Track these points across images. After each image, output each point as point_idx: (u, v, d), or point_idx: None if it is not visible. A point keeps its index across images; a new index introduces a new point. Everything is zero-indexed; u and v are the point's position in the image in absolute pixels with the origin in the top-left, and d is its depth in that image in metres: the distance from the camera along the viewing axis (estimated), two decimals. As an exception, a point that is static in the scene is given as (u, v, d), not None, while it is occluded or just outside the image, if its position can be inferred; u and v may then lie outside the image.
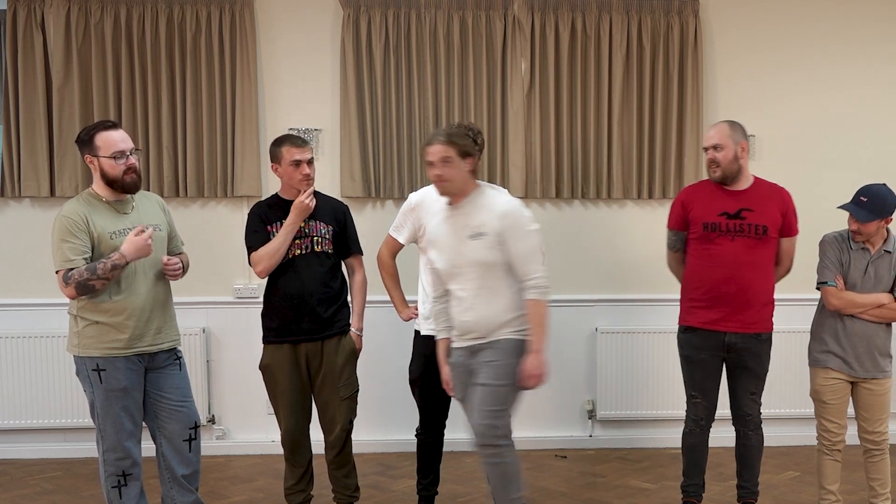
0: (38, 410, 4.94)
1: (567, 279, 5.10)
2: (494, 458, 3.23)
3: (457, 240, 3.32)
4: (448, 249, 3.35)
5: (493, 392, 3.24)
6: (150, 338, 3.43)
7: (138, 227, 3.36)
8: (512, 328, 3.29)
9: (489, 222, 3.26)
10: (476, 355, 3.34)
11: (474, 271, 3.28)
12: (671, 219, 3.91)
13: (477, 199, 3.35)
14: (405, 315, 3.88)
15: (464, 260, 3.30)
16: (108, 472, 3.45)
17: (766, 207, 3.72)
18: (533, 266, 3.26)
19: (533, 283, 3.26)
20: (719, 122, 3.83)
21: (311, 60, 5.01)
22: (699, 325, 3.77)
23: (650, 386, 5.02)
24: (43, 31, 4.83)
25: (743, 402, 3.80)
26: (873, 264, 3.71)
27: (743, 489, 3.92)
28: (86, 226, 3.34)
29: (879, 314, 3.69)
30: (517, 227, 3.26)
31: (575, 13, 5.00)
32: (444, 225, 3.40)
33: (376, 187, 4.99)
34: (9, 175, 4.87)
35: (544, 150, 5.05)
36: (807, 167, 5.17)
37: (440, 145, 3.29)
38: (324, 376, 3.74)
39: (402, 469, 4.70)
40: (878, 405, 3.75)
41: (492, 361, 3.27)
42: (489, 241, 3.25)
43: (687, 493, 3.93)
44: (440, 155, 3.28)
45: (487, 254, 3.25)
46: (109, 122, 3.45)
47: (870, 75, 5.18)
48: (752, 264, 3.70)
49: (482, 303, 3.29)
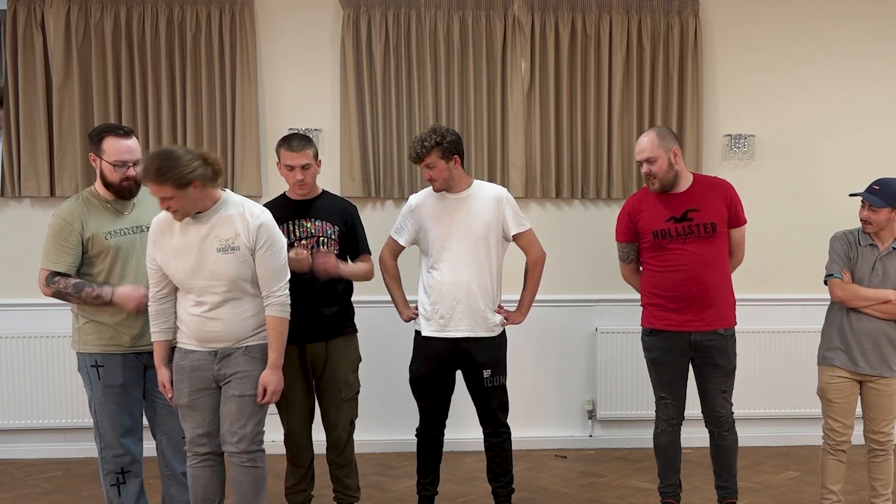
0: (38, 410, 4.93)
1: (567, 279, 5.10)
2: (250, 464, 3.27)
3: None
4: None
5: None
6: (148, 337, 3.43)
7: (141, 291, 3.34)
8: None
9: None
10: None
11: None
12: (619, 231, 3.91)
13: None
14: (405, 315, 3.88)
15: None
16: (107, 469, 3.47)
17: (710, 204, 3.72)
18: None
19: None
20: (647, 133, 3.80)
21: (311, 60, 5.01)
22: (664, 327, 3.77)
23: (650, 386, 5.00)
24: (43, 31, 4.83)
25: (715, 402, 3.78)
26: (881, 261, 3.71)
27: (723, 489, 3.88)
28: (79, 230, 3.38)
29: (885, 310, 3.69)
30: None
31: (575, 13, 5.00)
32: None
33: (376, 187, 4.99)
34: (9, 175, 4.87)
35: (544, 150, 5.05)
36: (807, 167, 5.17)
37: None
38: (327, 377, 3.74)
39: (402, 469, 4.70)
40: (885, 405, 3.74)
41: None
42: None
43: (665, 495, 3.91)
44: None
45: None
46: (123, 130, 3.44)
47: (870, 75, 5.18)
48: (708, 263, 3.70)
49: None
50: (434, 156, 3.64)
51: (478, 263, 3.71)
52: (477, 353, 3.73)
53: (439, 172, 3.67)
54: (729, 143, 5.13)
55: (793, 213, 5.10)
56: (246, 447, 3.24)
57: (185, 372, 3.28)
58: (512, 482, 3.92)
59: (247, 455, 3.26)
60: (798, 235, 5.07)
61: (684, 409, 3.86)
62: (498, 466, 3.88)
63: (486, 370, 3.74)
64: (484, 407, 3.82)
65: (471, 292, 3.69)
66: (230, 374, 3.25)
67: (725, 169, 5.01)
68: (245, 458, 3.26)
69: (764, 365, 5.10)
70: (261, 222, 3.21)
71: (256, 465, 3.29)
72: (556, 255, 4.88)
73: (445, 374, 3.81)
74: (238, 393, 3.24)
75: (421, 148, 3.63)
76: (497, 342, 3.79)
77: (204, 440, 3.30)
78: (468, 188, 3.77)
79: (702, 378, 3.81)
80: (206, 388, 3.27)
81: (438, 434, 3.88)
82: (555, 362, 5.13)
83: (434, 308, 3.73)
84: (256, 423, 3.28)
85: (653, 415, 3.92)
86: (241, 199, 3.29)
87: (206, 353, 3.26)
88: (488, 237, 3.72)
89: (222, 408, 3.28)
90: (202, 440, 3.30)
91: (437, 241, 3.73)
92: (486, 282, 3.73)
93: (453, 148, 3.67)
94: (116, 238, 3.43)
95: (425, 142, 3.63)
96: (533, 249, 3.82)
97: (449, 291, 3.70)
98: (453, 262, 3.70)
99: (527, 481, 4.51)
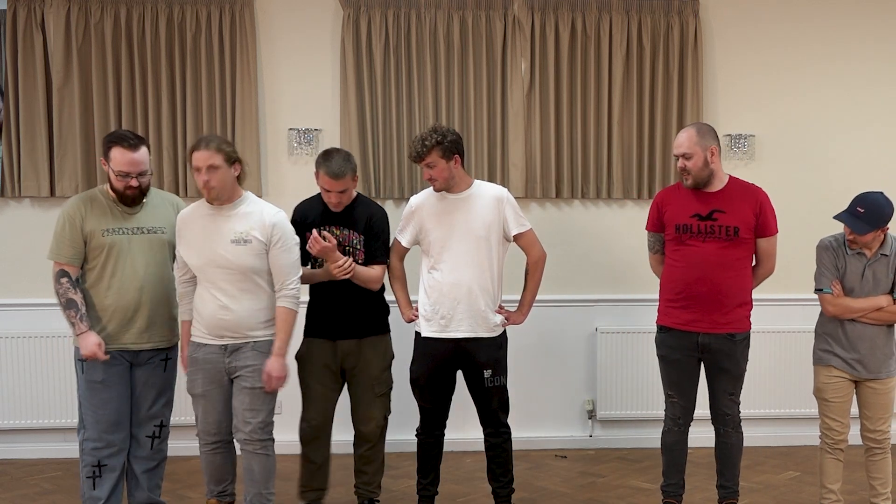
0: (38, 410, 4.94)
1: (567, 279, 5.10)
2: (262, 451, 3.54)
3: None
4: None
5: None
6: (133, 336, 3.55)
7: (101, 347, 3.45)
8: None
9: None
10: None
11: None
12: (649, 221, 3.95)
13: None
14: (407, 317, 3.89)
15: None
16: (85, 461, 3.57)
17: (738, 208, 3.71)
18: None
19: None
20: (687, 128, 3.79)
21: (311, 60, 5.00)
22: (673, 325, 3.78)
23: (650, 386, 5.00)
24: (43, 31, 4.83)
25: (721, 402, 3.79)
26: (870, 268, 3.70)
27: (724, 489, 3.88)
28: (79, 224, 3.50)
29: (879, 317, 3.69)
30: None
31: (575, 13, 5.00)
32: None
33: (376, 187, 4.99)
34: (9, 175, 4.87)
35: (544, 150, 5.05)
36: (807, 167, 5.17)
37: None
38: (359, 374, 3.80)
39: (402, 469, 4.70)
40: (882, 404, 3.74)
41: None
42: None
43: (667, 494, 3.92)
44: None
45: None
46: (132, 141, 3.49)
47: (870, 75, 5.18)
48: (724, 265, 3.69)
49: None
50: (434, 155, 3.64)
51: (478, 264, 3.71)
52: (478, 354, 3.73)
53: (439, 172, 3.67)
54: (729, 143, 5.13)
55: (793, 213, 5.09)
56: (259, 436, 3.51)
57: (199, 364, 3.53)
58: (512, 482, 3.92)
59: (259, 443, 3.52)
60: (798, 235, 5.05)
61: (693, 410, 3.86)
62: (498, 466, 3.89)
63: (487, 370, 3.74)
64: (484, 407, 3.82)
65: (471, 293, 3.69)
66: (241, 367, 3.50)
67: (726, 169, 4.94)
68: (257, 446, 3.52)
69: (764, 365, 5.09)
70: (276, 221, 3.50)
71: (267, 452, 3.56)
72: (557, 255, 4.88)
73: (446, 375, 3.81)
74: (250, 385, 3.49)
75: (421, 147, 3.64)
76: (498, 342, 3.79)
77: (215, 429, 3.57)
78: (469, 188, 3.77)
79: (710, 379, 3.82)
80: (219, 381, 3.53)
81: (439, 434, 3.89)
82: (555, 362, 5.13)
83: (435, 308, 3.73)
84: (267, 413, 3.54)
85: (653, 414, 3.93)
86: (259, 201, 3.60)
87: (217, 346, 3.50)
88: (489, 237, 3.72)
89: (235, 399, 3.53)
90: (213, 429, 3.57)
91: (437, 241, 3.73)
92: (487, 282, 3.73)
93: (454, 147, 3.67)
94: (113, 236, 3.51)
95: (426, 141, 3.63)
96: (533, 250, 3.82)
97: (449, 292, 3.70)
98: (454, 263, 3.70)
99: (527, 481, 4.51)
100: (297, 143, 4.99)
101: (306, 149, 4.99)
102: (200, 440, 3.63)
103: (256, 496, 3.57)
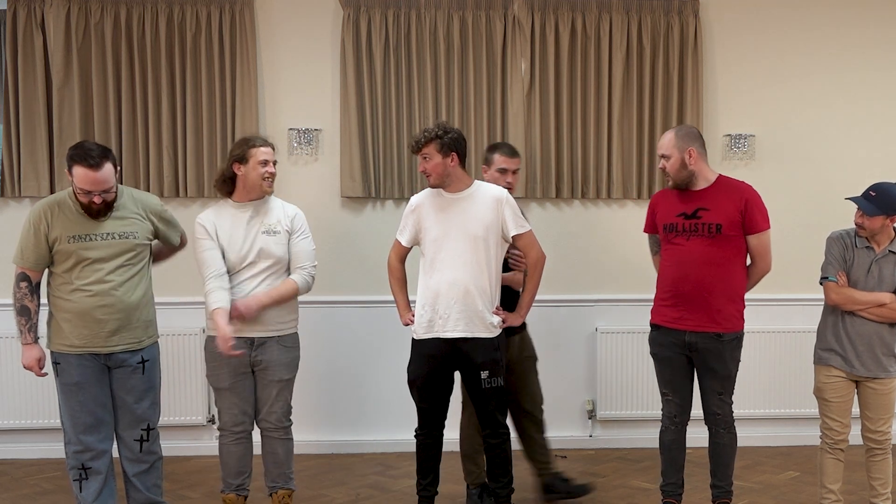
0: (38, 410, 4.94)
1: (567, 279, 5.10)
2: (285, 436, 3.87)
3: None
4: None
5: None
6: (103, 340, 3.50)
7: (40, 364, 3.56)
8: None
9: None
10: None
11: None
12: (646, 223, 4.00)
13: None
14: (404, 320, 3.87)
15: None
16: (70, 464, 3.58)
17: (721, 206, 3.70)
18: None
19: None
20: (671, 130, 3.82)
21: (311, 60, 5.01)
22: (662, 322, 3.80)
23: (650, 386, 5.00)
24: (43, 31, 4.83)
25: (711, 402, 3.79)
26: (877, 263, 3.71)
27: (717, 489, 3.87)
28: (44, 231, 3.48)
29: (880, 313, 3.69)
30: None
31: (575, 13, 5.00)
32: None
33: (376, 187, 4.99)
34: (9, 175, 4.88)
35: (544, 150, 5.05)
36: (807, 167, 5.17)
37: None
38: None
39: (402, 469, 4.70)
40: (882, 404, 3.75)
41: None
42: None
43: (666, 494, 3.92)
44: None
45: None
46: (96, 159, 3.37)
47: (869, 75, 5.18)
48: (710, 263, 3.68)
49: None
50: (431, 147, 3.66)
51: (476, 264, 3.70)
52: (474, 354, 3.72)
53: (434, 166, 3.68)
54: (729, 143, 5.14)
55: (793, 213, 5.10)
56: (283, 423, 3.84)
57: (223, 357, 3.65)
58: (512, 482, 3.92)
59: (283, 430, 3.85)
60: (798, 235, 5.07)
61: (689, 409, 3.87)
62: (498, 467, 3.88)
63: (484, 371, 3.72)
64: (482, 408, 3.81)
65: (468, 293, 3.68)
66: (266, 361, 3.75)
67: (725, 169, 5.00)
68: (282, 432, 3.85)
69: (764, 365, 5.11)
70: (295, 213, 3.89)
71: (289, 436, 3.89)
72: (557, 256, 4.88)
73: (443, 375, 3.80)
74: (276, 378, 3.77)
75: (421, 136, 3.70)
76: (495, 343, 3.77)
77: (241, 419, 3.79)
78: (468, 188, 3.76)
79: (700, 378, 3.82)
80: (245, 373, 3.76)
81: (438, 434, 3.88)
82: (555, 362, 5.13)
83: (432, 308, 3.72)
84: (288, 401, 3.87)
85: (653, 414, 3.93)
86: (279, 199, 3.93)
87: (243, 340, 3.67)
88: (487, 238, 3.71)
89: (260, 391, 3.80)
90: (239, 418, 3.79)
91: (435, 240, 3.73)
92: (485, 282, 3.71)
93: (453, 145, 3.68)
94: (80, 242, 3.47)
95: (426, 132, 3.70)
96: (532, 251, 3.82)
97: (446, 291, 3.69)
98: (451, 262, 3.69)
99: (527, 481, 4.50)
100: (297, 143, 5.00)
101: (306, 149, 5.00)
102: (223, 433, 3.81)
103: (280, 476, 3.87)
